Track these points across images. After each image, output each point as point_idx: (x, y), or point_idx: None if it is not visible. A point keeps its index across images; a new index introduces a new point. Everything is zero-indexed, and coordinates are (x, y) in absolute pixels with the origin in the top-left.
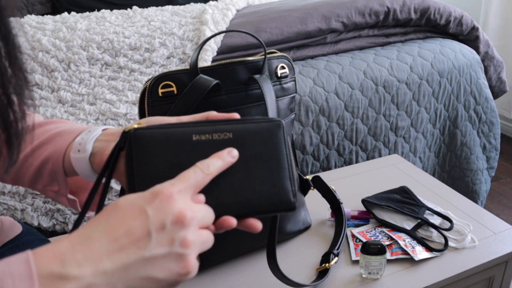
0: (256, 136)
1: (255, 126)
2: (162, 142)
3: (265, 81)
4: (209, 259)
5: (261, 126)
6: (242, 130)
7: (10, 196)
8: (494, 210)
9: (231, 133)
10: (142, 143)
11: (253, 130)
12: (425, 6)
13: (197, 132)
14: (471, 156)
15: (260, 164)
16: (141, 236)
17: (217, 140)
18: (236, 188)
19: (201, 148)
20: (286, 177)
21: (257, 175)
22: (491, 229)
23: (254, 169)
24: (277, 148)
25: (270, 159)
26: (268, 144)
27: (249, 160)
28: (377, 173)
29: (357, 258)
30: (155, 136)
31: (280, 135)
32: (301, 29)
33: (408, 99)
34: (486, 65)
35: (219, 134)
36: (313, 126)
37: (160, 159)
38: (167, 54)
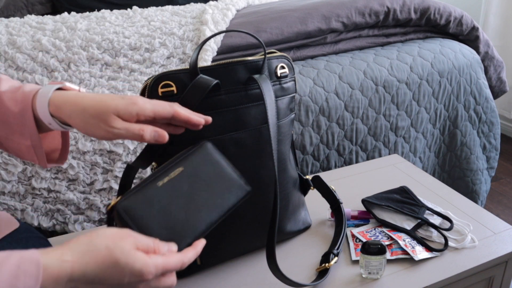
0: (197, 159)
1: (193, 153)
2: (143, 202)
3: (264, 81)
4: (209, 259)
5: (197, 151)
6: (188, 161)
7: (10, 196)
8: (494, 210)
9: (182, 167)
10: (131, 213)
11: (193, 156)
12: (425, 6)
13: (159, 179)
14: (471, 156)
15: (212, 175)
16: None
17: (175, 177)
18: (205, 204)
19: (168, 188)
20: (231, 173)
21: (214, 184)
22: (491, 229)
23: (210, 180)
24: (214, 158)
25: (214, 167)
26: (207, 159)
27: (203, 177)
28: (377, 173)
29: (357, 258)
30: (136, 202)
31: (209, 149)
32: (301, 29)
33: (408, 99)
34: (486, 65)
35: (174, 173)
36: (313, 126)
37: (150, 214)
38: (167, 54)
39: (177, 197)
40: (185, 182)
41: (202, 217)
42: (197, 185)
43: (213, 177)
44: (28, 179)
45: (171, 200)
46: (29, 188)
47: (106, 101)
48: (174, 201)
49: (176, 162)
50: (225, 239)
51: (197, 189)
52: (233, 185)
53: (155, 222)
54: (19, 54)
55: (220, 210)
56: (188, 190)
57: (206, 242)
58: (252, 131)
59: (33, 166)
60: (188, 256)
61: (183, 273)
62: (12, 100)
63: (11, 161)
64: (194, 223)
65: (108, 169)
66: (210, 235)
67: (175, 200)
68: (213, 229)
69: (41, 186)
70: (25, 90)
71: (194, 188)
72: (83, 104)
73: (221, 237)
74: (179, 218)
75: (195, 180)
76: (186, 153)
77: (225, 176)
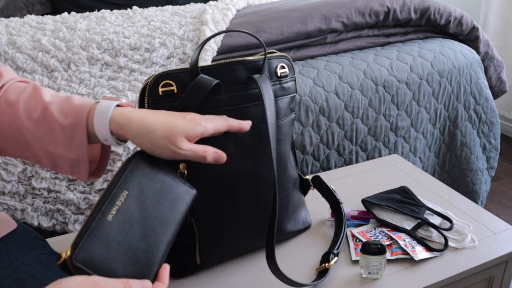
0: (137, 176)
1: (132, 170)
2: (100, 246)
3: (263, 81)
4: (209, 258)
5: (134, 167)
6: (129, 182)
7: (10, 196)
8: (494, 210)
9: (126, 190)
10: (91, 264)
11: (133, 175)
12: (425, 6)
13: (107, 212)
14: (471, 156)
15: (157, 189)
16: None
17: (123, 204)
18: (159, 224)
19: (120, 219)
20: (174, 181)
21: (162, 199)
22: (491, 229)
23: (157, 196)
24: (154, 170)
25: (157, 180)
26: (146, 173)
27: (149, 194)
28: (377, 173)
29: (357, 258)
30: (93, 248)
31: (145, 161)
32: (301, 29)
33: (408, 99)
34: (486, 65)
35: (120, 200)
36: (313, 126)
37: (110, 256)
38: (167, 54)
39: (131, 226)
40: (134, 206)
41: (160, 239)
42: (146, 205)
43: (158, 191)
44: (28, 179)
45: (127, 231)
46: (29, 188)
47: (172, 122)
48: (130, 231)
49: (119, 186)
50: (225, 239)
51: (147, 210)
52: (180, 193)
53: (119, 263)
54: (19, 54)
55: (174, 224)
56: (139, 215)
57: (205, 242)
58: (251, 130)
59: (33, 166)
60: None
61: (183, 273)
62: (62, 113)
63: (11, 161)
64: (155, 248)
65: (108, 169)
66: (210, 235)
67: (130, 230)
68: (214, 229)
69: (41, 186)
70: (75, 103)
71: (144, 211)
72: (150, 125)
73: (221, 237)
74: (140, 248)
75: (143, 200)
76: (124, 172)
77: (169, 186)
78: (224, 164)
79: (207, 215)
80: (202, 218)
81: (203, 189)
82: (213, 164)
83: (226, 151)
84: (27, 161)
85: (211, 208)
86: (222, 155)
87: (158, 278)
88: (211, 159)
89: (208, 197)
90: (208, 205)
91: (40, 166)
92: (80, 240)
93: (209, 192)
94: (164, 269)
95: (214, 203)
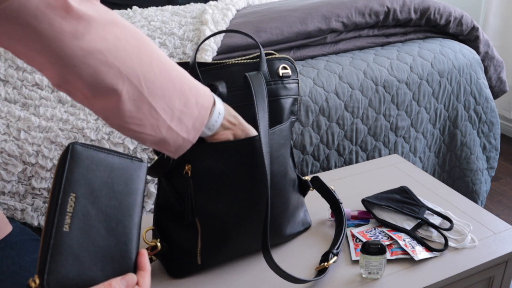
0: (80, 171)
1: (71, 168)
2: (68, 262)
3: (257, 79)
4: (209, 259)
5: (73, 162)
6: (73, 181)
7: (10, 196)
8: (494, 210)
9: (73, 192)
10: (66, 283)
11: (75, 171)
12: (425, 6)
13: (62, 224)
14: (471, 156)
15: (105, 177)
16: None
17: (75, 209)
18: (121, 212)
19: (78, 225)
20: (119, 160)
21: (115, 185)
22: (491, 229)
23: (108, 184)
24: (94, 158)
25: (101, 167)
26: (87, 164)
27: (99, 186)
28: (377, 173)
29: (357, 258)
30: (61, 268)
31: (81, 152)
32: (301, 29)
33: (408, 99)
34: (486, 65)
35: (70, 205)
36: (313, 126)
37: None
38: (167, 54)
39: (93, 227)
40: (88, 206)
41: (128, 226)
42: (100, 199)
43: (108, 179)
44: (28, 179)
45: (90, 235)
46: (29, 188)
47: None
48: (93, 233)
49: (63, 191)
50: (225, 240)
51: (103, 203)
52: (131, 172)
53: (94, 269)
54: None
55: (136, 206)
56: (97, 212)
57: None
58: None
59: (33, 166)
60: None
61: (183, 273)
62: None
63: (11, 161)
64: (125, 237)
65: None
66: (212, 236)
67: (93, 231)
68: (216, 229)
69: (41, 186)
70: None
71: (100, 206)
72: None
73: (223, 237)
74: (111, 244)
75: (95, 196)
76: (64, 173)
77: (117, 169)
78: (227, 166)
79: (212, 215)
80: (206, 217)
81: (208, 189)
82: (217, 165)
83: (228, 153)
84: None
85: (215, 208)
86: None
87: (139, 267)
88: None
89: (212, 198)
90: (212, 206)
91: (40, 166)
92: (44, 263)
93: (215, 193)
94: (142, 255)
95: (218, 204)
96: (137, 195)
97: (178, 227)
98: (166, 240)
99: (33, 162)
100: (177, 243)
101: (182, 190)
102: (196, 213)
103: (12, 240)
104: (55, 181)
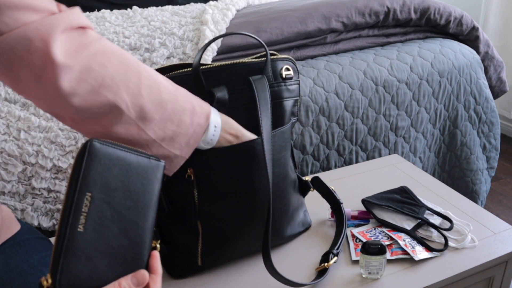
0: (97, 170)
1: (88, 166)
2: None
3: (260, 83)
4: (210, 260)
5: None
6: (90, 179)
7: (10, 196)
8: (494, 210)
9: (88, 192)
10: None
11: (92, 170)
12: (425, 6)
13: (76, 224)
14: (471, 156)
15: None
16: None
17: (90, 209)
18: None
19: (92, 225)
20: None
21: (131, 184)
22: (491, 229)
23: (124, 183)
24: (112, 157)
25: (119, 166)
26: (105, 163)
27: (116, 185)
28: (377, 173)
29: (357, 258)
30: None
31: (100, 150)
32: (301, 29)
33: (408, 99)
34: (486, 65)
35: (85, 205)
36: (313, 126)
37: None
38: (167, 54)
39: (107, 228)
40: (104, 206)
41: (142, 228)
42: (116, 200)
43: (124, 179)
44: (28, 179)
45: (104, 235)
46: (29, 188)
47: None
48: (107, 234)
49: (79, 190)
50: (226, 241)
51: (119, 204)
52: (148, 171)
53: (106, 270)
54: None
55: (151, 206)
56: (112, 212)
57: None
58: None
59: (33, 166)
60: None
61: (183, 274)
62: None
63: (11, 161)
64: (139, 239)
65: None
66: (213, 237)
67: (107, 232)
68: (217, 231)
69: (41, 186)
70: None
71: (116, 206)
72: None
73: (224, 239)
74: (124, 245)
75: (111, 196)
76: (80, 172)
77: (135, 168)
78: (229, 168)
79: (212, 217)
80: (208, 220)
81: (210, 192)
82: (219, 168)
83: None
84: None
85: (217, 210)
86: None
87: (150, 270)
88: None
89: (215, 200)
90: (214, 208)
91: (40, 166)
92: (57, 263)
93: (217, 195)
94: (154, 257)
95: (219, 206)
96: (153, 196)
97: (179, 229)
98: (167, 241)
99: (33, 162)
100: (178, 244)
101: (184, 194)
102: (198, 215)
103: (20, 238)
104: (71, 179)
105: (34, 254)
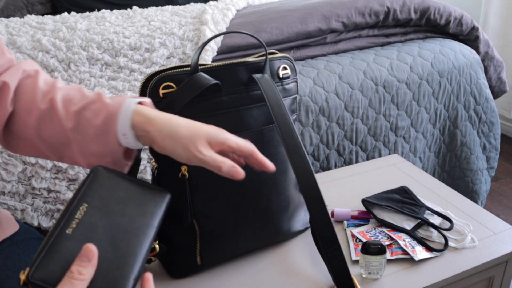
0: (98, 188)
1: (90, 185)
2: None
3: (265, 81)
4: (209, 259)
5: (93, 180)
6: (89, 195)
7: (10, 196)
8: (494, 210)
9: (86, 203)
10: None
11: (93, 188)
12: (425, 6)
13: (66, 227)
14: (471, 156)
15: (122, 197)
16: None
17: (83, 217)
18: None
19: (81, 230)
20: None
21: (130, 206)
22: (491, 229)
23: (123, 204)
24: (115, 180)
25: (120, 189)
26: (107, 183)
27: (113, 203)
28: (377, 173)
29: (357, 258)
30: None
31: (103, 173)
32: (301, 29)
33: (408, 99)
34: (486, 65)
35: (80, 213)
36: (313, 126)
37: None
38: (167, 54)
39: (97, 236)
40: (97, 216)
41: (132, 244)
42: (110, 214)
43: (122, 199)
44: (28, 179)
45: (92, 243)
46: (29, 188)
47: (197, 125)
48: (96, 242)
49: (78, 201)
50: (226, 240)
51: (114, 218)
52: (149, 196)
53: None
54: (19, 54)
55: (148, 228)
56: (104, 224)
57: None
58: (254, 132)
59: (33, 166)
60: None
61: (182, 273)
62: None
63: (11, 161)
64: (127, 255)
65: None
66: (211, 236)
67: (96, 241)
68: (215, 229)
69: (41, 186)
70: (107, 102)
71: (110, 220)
72: (176, 123)
73: (222, 237)
74: (110, 257)
75: (106, 210)
76: (82, 188)
77: (135, 191)
78: None
79: (209, 215)
80: (203, 218)
81: (205, 190)
82: None
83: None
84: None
85: (212, 208)
86: (239, 171)
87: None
88: (226, 172)
89: (210, 198)
90: (210, 206)
91: (40, 166)
92: (37, 257)
93: (211, 193)
94: (147, 280)
95: (215, 203)
96: (151, 219)
97: (177, 228)
98: (165, 241)
99: (33, 162)
100: (176, 244)
101: (179, 192)
102: (194, 214)
103: (18, 238)
104: (73, 196)
105: (31, 254)
